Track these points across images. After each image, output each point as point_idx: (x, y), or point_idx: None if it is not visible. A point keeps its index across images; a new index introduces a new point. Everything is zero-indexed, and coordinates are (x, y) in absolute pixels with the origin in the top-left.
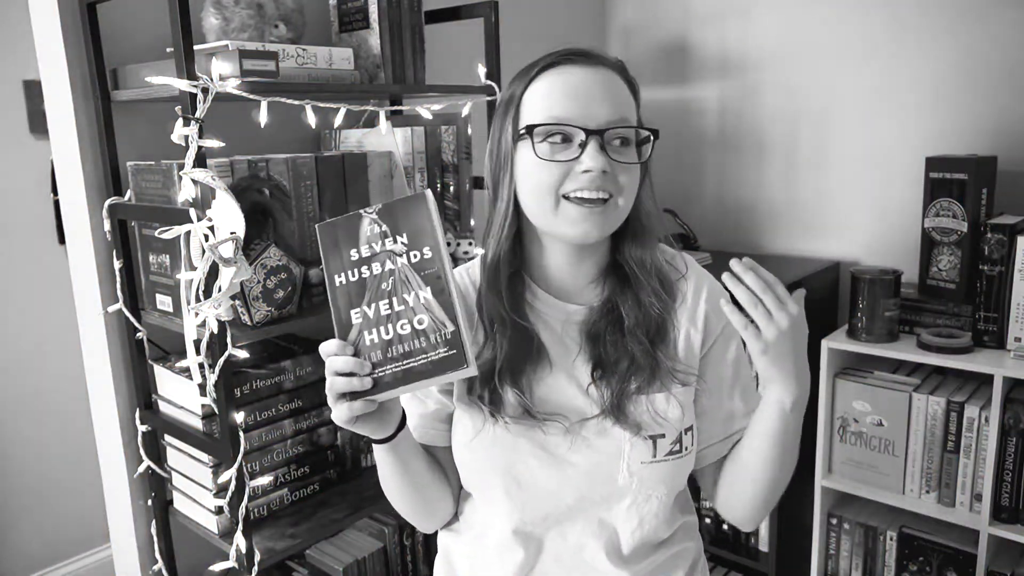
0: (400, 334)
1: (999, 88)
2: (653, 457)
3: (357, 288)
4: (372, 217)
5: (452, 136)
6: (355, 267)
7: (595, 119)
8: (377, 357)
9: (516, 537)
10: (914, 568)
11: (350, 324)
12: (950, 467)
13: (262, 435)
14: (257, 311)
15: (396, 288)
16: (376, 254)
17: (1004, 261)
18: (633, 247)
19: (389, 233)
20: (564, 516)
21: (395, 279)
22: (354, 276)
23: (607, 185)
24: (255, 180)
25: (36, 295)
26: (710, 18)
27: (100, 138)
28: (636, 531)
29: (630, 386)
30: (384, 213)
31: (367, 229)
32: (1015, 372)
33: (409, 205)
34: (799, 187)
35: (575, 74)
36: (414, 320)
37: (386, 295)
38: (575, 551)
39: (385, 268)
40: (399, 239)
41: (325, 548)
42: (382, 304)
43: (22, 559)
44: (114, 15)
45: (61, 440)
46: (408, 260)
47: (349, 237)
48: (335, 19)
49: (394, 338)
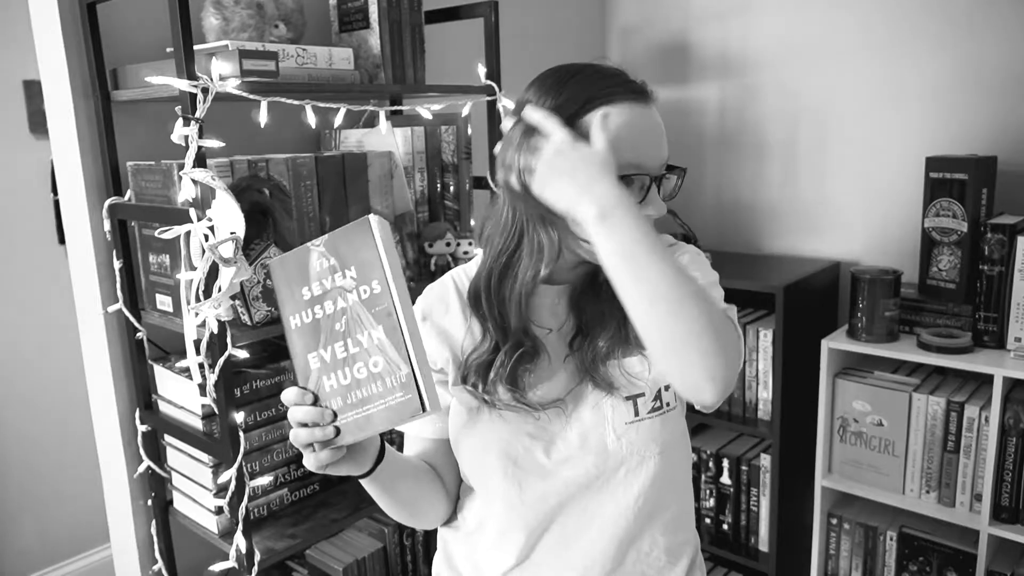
0: (357, 378)
1: (999, 88)
2: (636, 416)
3: (312, 330)
4: (320, 251)
5: (452, 136)
6: (308, 307)
7: (656, 162)
8: (338, 404)
9: (515, 522)
10: (914, 568)
11: (308, 369)
12: (950, 467)
13: (262, 435)
14: (257, 311)
15: (350, 328)
16: (327, 292)
17: (1004, 261)
18: None
19: (338, 267)
20: (562, 495)
21: (348, 318)
22: (308, 317)
23: None
24: (255, 180)
25: (36, 295)
26: (710, 18)
27: (100, 138)
28: (635, 503)
29: (599, 345)
30: (330, 245)
31: (316, 264)
32: (1015, 372)
33: (352, 235)
34: (799, 187)
35: (638, 113)
36: (369, 363)
37: (340, 336)
38: (575, 532)
39: (337, 307)
40: (348, 273)
41: (325, 548)
42: (337, 347)
43: (22, 559)
44: (114, 15)
45: (61, 440)
46: (359, 296)
47: (299, 274)
48: (335, 19)
49: (351, 383)
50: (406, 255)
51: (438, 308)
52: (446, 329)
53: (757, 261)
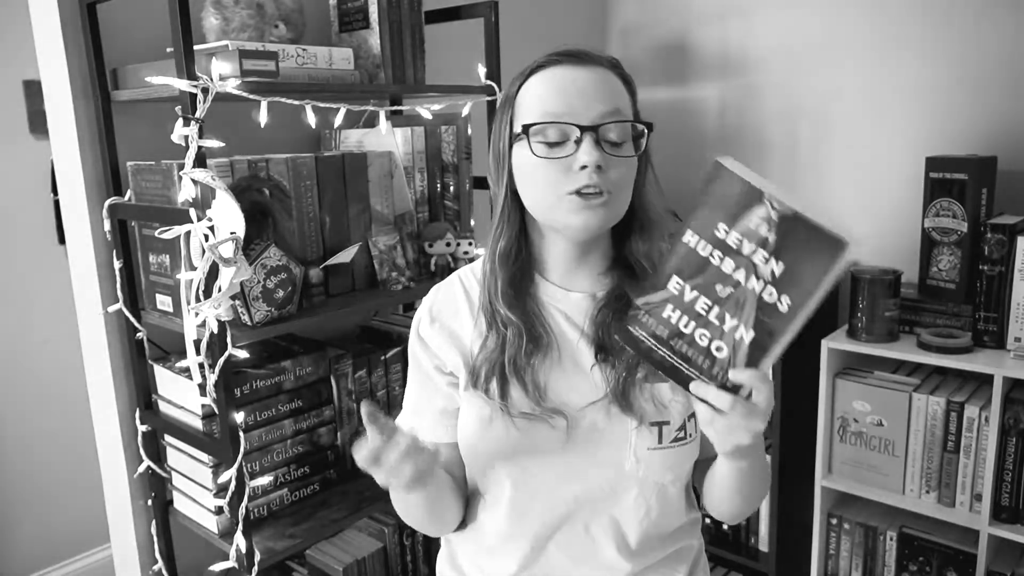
0: (694, 337)
1: (999, 88)
2: (659, 443)
3: (696, 264)
4: (772, 211)
5: (452, 136)
6: (711, 244)
7: (588, 115)
8: (662, 333)
9: (521, 529)
10: (914, 568)
11: (661, 286)
12: (950, 467)
13: (262, 435)
14: (257, 311)
15: (728, 303)
16: (740, 251)
17: (1004, 261)
18: (639, 242)
19: (770, 247)
20: (571, 506)
21: (735, 295)
22: (704, 251)
23: (603, 183)
24: (255, 180)
25: (36, 295)
26: (710, 18)
27: (100, 138)
28: (643, 521)
29: (636, 374)
30: (789, 225)
31: (756, 219)
32: (1015, 372)
33: (820, 244)
34: (799, 187)
35: (568, 72)
36: (714, 343)
37: (715, 298)
38: (580, 543)
39: (735, 276)
40: (773, 263)
41: (325, 548)
42: (703, 302)
43: (22, 559)
44: (114, 15)
45: (61, 440)
46: (759, 290)
47: (734, 208)
48: (335, 19)
49: (686, 336)
50: (406, 255)
51: (447, 310)
52: (456, 332)
53: None
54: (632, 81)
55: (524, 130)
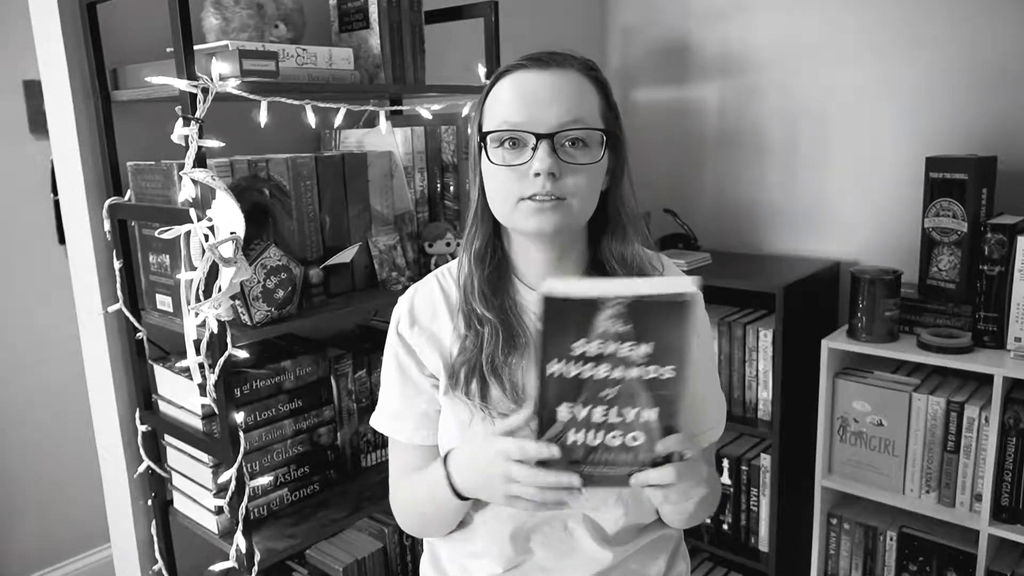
0: (608, 444)
1: (999, 88)
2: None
3: (572, 385)
4: (616, 311)
5: (452, 136)
6: (575, 362)
7: (545, 123)
8: (578, 456)
9: (502, 531)
10: (914, 568)
11: (554, 419)
12: (950, 467)
13: (262, 435)
14: (257, 311)
15: (619, 400)
16: (605, 356)
17: (1004, 261)
18: (613, 243)
19: (631, 337)
20: (553, 509)
21: (621, 389)
22: (571, 372)
23: (557, 189)
24: (255, 180)
25: (36, 295)
26: (710, 18)
27: (100, 138)
28: (620, 519)
29: None
30: (635, 310)
31: (605, 323)
32: (1015, 372)
33: (670, 311)
34: (799, 187)
35: (532, 78)
36: (628, 436)
37: (605, 403)
38: (561, 539)
39: (612, 375)
40: (641, 349)
41: (325, 548)
42: (597, 411)
43: (22, 559)
44: (114, 15)
45: (61, 440)
46: (642, 374)
47: (580, 325)
48: (335, 19)
49: (600, 447)
50: (406, 255)
51: (426, 312)
52: (435, 334)
53: (757, 261)
54: (607, 83)
55: (482, 137)
